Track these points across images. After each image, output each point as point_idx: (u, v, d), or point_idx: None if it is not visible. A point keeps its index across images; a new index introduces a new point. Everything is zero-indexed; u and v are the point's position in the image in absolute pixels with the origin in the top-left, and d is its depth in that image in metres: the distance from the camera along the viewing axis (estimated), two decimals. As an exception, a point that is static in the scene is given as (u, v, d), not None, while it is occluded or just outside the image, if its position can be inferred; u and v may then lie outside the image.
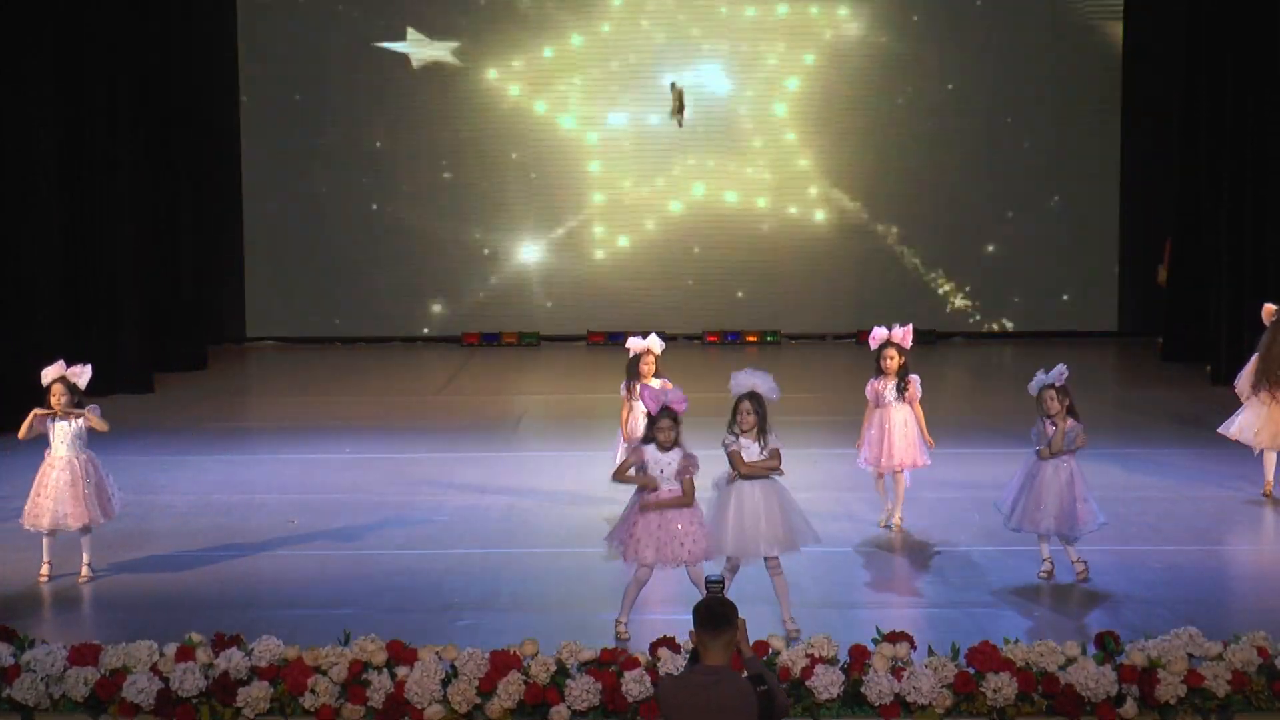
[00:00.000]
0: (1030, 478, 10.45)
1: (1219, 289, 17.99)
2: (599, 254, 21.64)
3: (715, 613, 6.62)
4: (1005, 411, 15.72)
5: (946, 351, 20.90)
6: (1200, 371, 18.41)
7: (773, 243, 21.55)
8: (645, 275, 21.61)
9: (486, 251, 21.60)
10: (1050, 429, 10.40)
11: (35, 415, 10.70)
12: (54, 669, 8.48)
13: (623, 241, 21.63)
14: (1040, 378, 10.47)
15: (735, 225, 21.55)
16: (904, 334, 11.70)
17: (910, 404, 11.62)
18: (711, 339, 21.49)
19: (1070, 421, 10.38)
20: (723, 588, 6.79)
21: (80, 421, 10.68)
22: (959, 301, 21.52)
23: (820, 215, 21.54)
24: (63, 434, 10.66)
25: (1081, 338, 21.15)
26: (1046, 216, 21.41)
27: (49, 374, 10.74)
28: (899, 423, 11.58)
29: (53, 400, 10.65)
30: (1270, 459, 12.54)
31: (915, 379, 11.67)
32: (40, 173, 16.77)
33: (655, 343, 12.15)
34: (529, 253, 21.61)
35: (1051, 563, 10.48)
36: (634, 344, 12.18)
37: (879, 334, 11.69)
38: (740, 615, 6.61)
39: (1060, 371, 10.41)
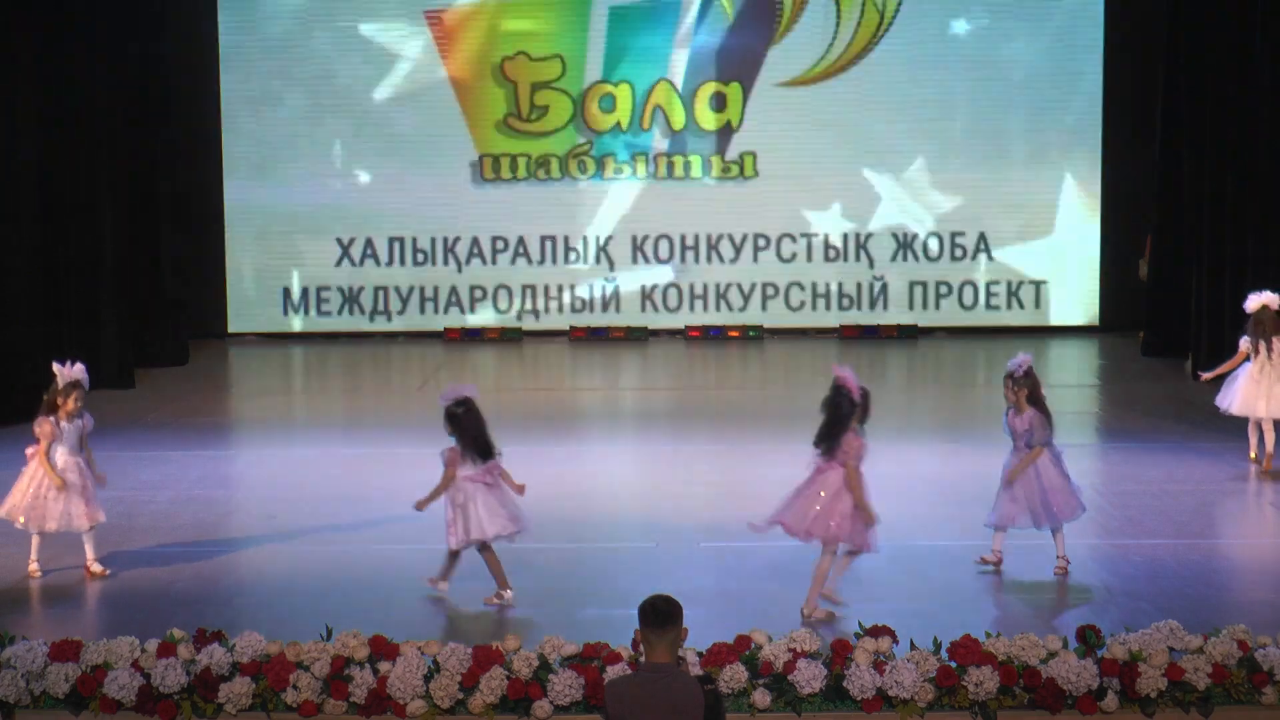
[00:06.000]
0: (1004, 473, 10.43)
1: (1200, 283, 18.02)
2: (580, 249, 21.59)
3: (661, 611, 6.67)
4: (987, 406, 15.75)
5: (929, 346, 20.93)
6: (1181, 366, 18.45)
7: (755, 237, 21.51)
8: (627, 272, 21.57)
9: (468, 247, 21.54)
10: (1012, 419, 10.38)
11: (45, 425, 10.46)
12: (34, 665, 8.44)
13: (604, 237, 21.60)
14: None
15: (717, 219, 21.53)
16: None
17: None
18: (694, 334, 21.47)
19: (1032, 412, 10.27)
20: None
21: (83, 422, 10.57)
22: (941, 296, 21.52)
23: (803, 211, 21.51)
24: (71, 435, 10.53)
25: (1063, 332, 21.18)
26: (1028, 211, 21.43)
27: (71, 376, 10.50)
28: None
29: (72, 404, 10.46)
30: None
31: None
32: (19, 167, 16.70)
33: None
34: (510, 247, 21.56)
35: (999, 555, 10.45)
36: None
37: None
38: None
39: (1018, 362, 10.25)
